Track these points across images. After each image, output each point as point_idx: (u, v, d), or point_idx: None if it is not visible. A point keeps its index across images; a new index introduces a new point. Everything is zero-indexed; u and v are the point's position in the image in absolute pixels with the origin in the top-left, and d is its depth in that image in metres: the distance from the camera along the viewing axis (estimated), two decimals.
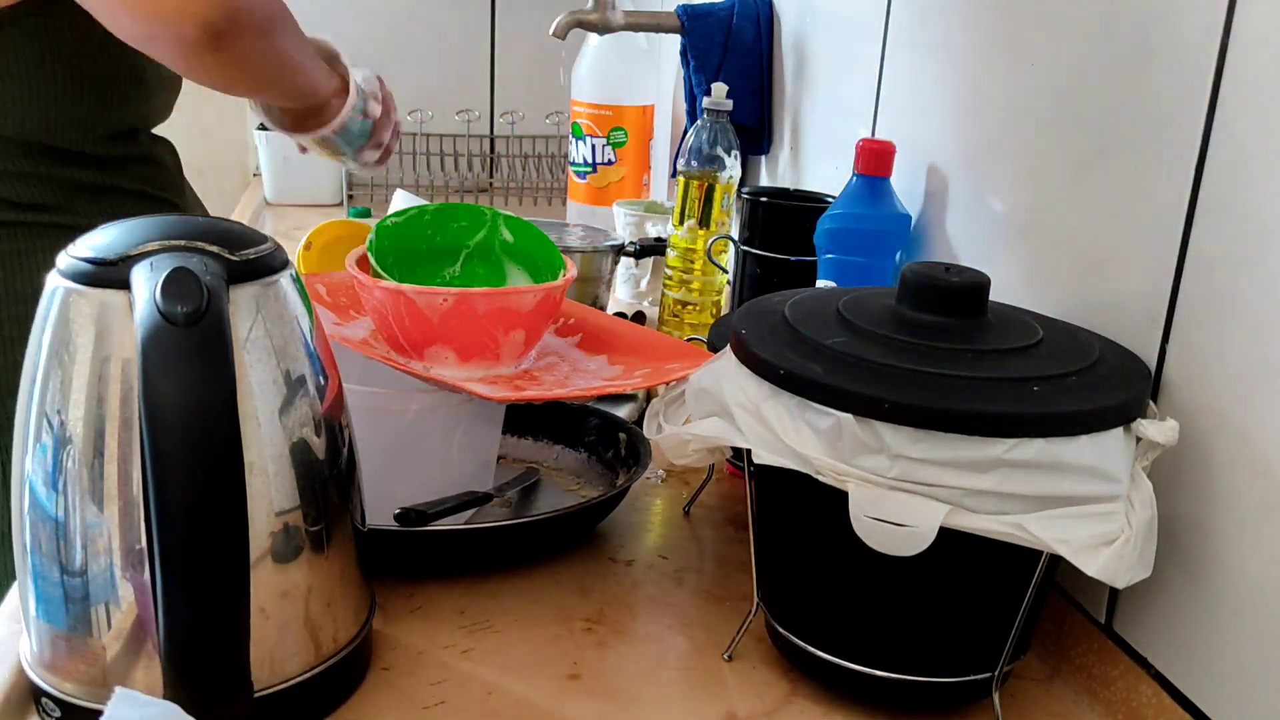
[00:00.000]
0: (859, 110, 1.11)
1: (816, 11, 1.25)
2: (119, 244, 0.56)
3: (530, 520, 0.84)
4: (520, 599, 0.77)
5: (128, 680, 0.57)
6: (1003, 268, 0.78)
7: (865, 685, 0.66)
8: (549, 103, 2.02)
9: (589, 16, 1.47)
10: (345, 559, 0.64)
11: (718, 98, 1.25)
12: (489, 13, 2.16)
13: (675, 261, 1.23)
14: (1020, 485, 0.58)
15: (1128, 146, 0.70)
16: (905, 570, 0.60)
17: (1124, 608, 0.69)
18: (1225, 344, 0.61)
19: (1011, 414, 0.58)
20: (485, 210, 0.95)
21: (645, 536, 0.88)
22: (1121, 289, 0.70)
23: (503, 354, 0.85)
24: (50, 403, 0.56)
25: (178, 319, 0.51)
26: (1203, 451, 0.63)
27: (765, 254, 1.02)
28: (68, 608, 0.57)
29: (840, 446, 0.60)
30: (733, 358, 0.67)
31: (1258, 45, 0.59)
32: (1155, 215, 0.67)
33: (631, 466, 0.90)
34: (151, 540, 0.52)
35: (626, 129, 1.67)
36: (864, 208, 0.94)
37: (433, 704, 0.66)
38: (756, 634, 0.73)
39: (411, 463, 0.83)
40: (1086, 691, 0.70)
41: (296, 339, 0.60)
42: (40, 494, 0.56)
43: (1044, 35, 0.79)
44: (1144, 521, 0.59)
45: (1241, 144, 0.60)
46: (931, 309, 0.66)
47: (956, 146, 0.92)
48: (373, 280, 0.83)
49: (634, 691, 0.68)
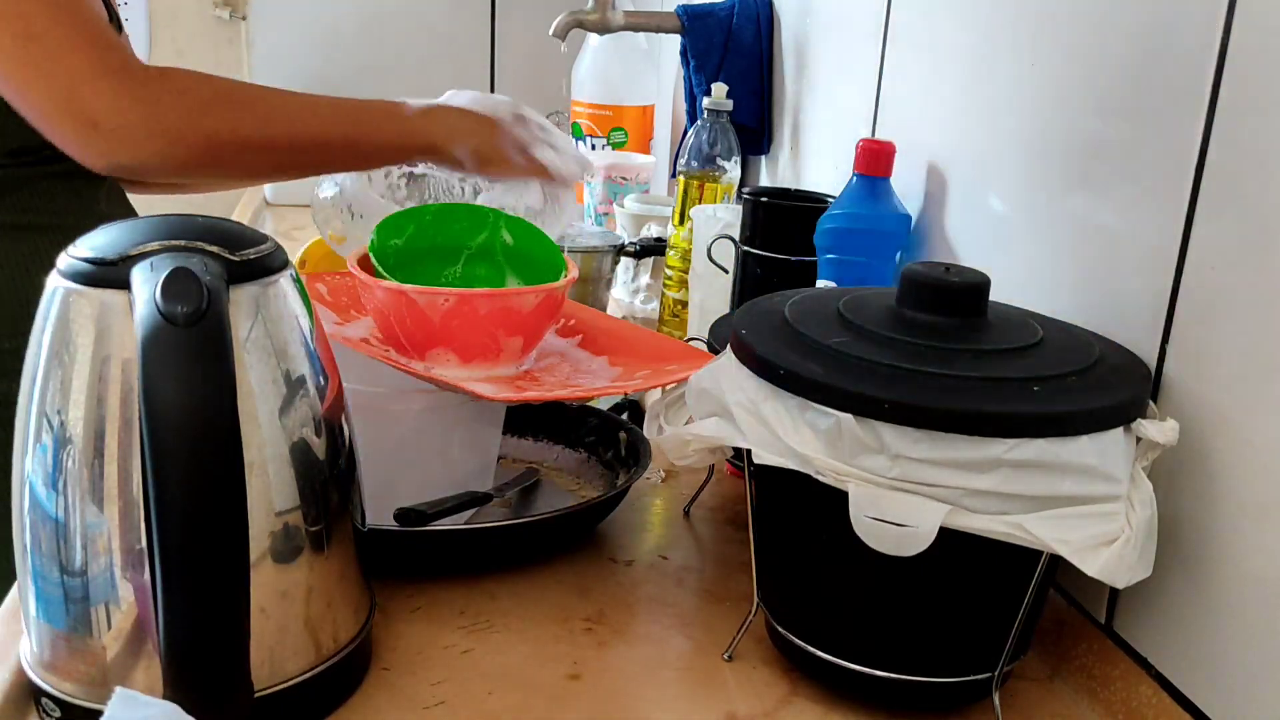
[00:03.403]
0: (859, 110, 1.11)
1: (816, 11, 1.25)
2: (119, 244, 0.56)
3: (530, 520, 0.84)
4: (520, 599, 0.77)
5: (128, 680, 0.57)
6: (1003, 268, 0.78)
7: (865, 685, 0.66)
8: (549, 103, 2.01)
9: (589, 17, 1.47)
10: (345, 559, 0.64)
11: (718, 98, 1.25)
12: (489, 13, 2.16)
13: (675, 261, 1.23)
14: (1020, 485, 0.58)
15: (1128, 146, 0.70)
16: (905, 570, 0.60)
17: (1124, 608, 0.69)
18: (1225, 344, 0.61)
19: (1011, 414, 0.58)
20: (487, 211, 0.95)
21: (645, 536, 0.88)
22: (1121, 289, 0.70)
23: (504, 355, 0.85)
24: (50, 403, 0.56)
25: (178, 319, 0.51)
26: (1203, 451, 0.63)
27: (765, 254, 1.02)
28: (68, 608, 0.57)
29: (840, 446, 0.60)
30: (733, 358, 0.67)
31: (1258, 45, 0.59)
32: (1155, 215, 0.67)
33: (631, 466, 0.90)
34: (151, 540, 0.52)
35: (626, 129, 1.67)
36: (864, 208, 0.94)
37: (433, 704, 0.66)
38: (756, 634, 0.73)
39: (411, 463, 0.83)
40: (1086, 691, 0.70)
41: (296, 339, 0.60)
42: (40, 494, 0.56)
43: (1044, 35, 0.79)
44: (1144, 521, 0.59)
45: (1241, 144, 0.60)
46: (931, 309, 0.66)
47: (956, 146, 0.92)
48: (374, 280, 0.83)
49: (634, 691, 0.68)
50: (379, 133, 0.95)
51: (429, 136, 0.96)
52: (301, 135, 0.92)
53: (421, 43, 2.12)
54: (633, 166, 1.55)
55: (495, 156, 0.98)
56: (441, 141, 0.96)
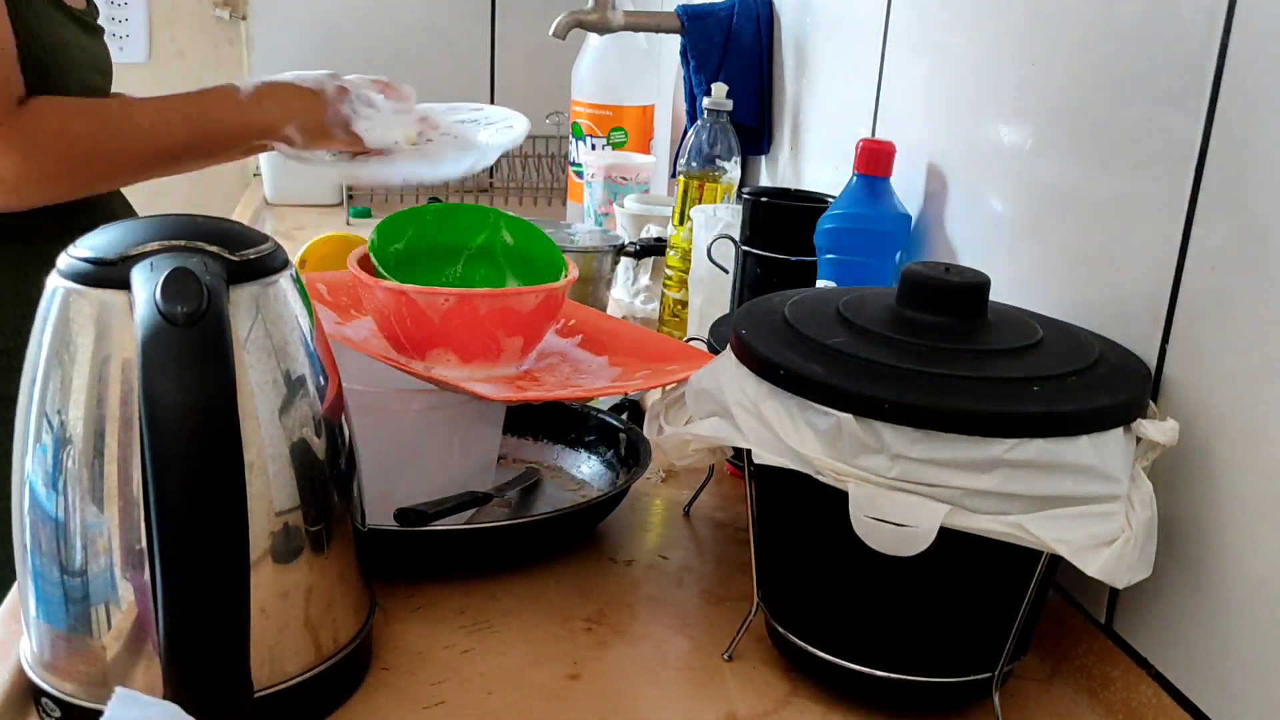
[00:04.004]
0: (859, 110, 1.11)
1: (816, 11, 1.25)
2: (119, 244, 0.56)
3: (530, 520, 0.84)
4: (520, 599, 0.77)
5: (128, 680, 0.57)
6: (1003, 268, 0.78)
7: (865, 685, 0.66)
8: (549, 103, 2.02)
9: (589, 16, 1.47)
10: (345, 559, 0.64)
11: (718, 98, 1.25)
12: (489, 13, 2.16)
13: (675, 261, 1.23)
14: (1020, 485, 0.58)
15: (1128, 146, 0.70)
16: (905, 570, 0.60)
17: (1124, 608, 0.69)
18: (1225, 344, 0.61)
19: (1011, 414, 0.58)
20: (488, 211, 0.95)
21: (645, 536, 0.88)
22: (1121, 289, 0.70)
23: (504, 355, 0.85)
24: (50, 403, 0.56)
25: (178, 319, 0.51)
26: (1203, 451, 0.63)
27: (765, 254, 1.02)
28: (68, 608, 0.57)
29: (840, 446, 0.60)
30: (733, 358, 0.67)
31: (1258, 45, 0.59)
32: (1155, 215, 0.67)
33: (631, 466, 0.90)
34: (151, 540, 0.52)
35: (626, 129, 1.67)
36: (864, 208, 0.94)
37: (433, 704, 0.66)
38: (756, 634, 0.73)
39: (411, 463, 0.83)
40: (1086, 691, 0.70)
41: (296, 339, 0.60)
42: (40, 494, 0.56)
43: (1044, 35, 0.79)
44: (1144, 521, 0.59)
45: (1241, 144, 0.60)
46: (931, 309, 0.66)
47: (956, 146, 0.92)
48: (374, 280, 0.83)
49: (634, 691, 0.68)
50: (222, 125, 1.02)
51: (266, 119, 1.02)
52: (161, 143, 0.97)
53: (422, 43, 2.13)
54: (633, 166, 1.56)
55: (320, 131, 1.04)
56: (277, 122, 1.02)
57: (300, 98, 1.04)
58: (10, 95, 0.88)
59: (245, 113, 1.01)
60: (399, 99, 1.12)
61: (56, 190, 0.91)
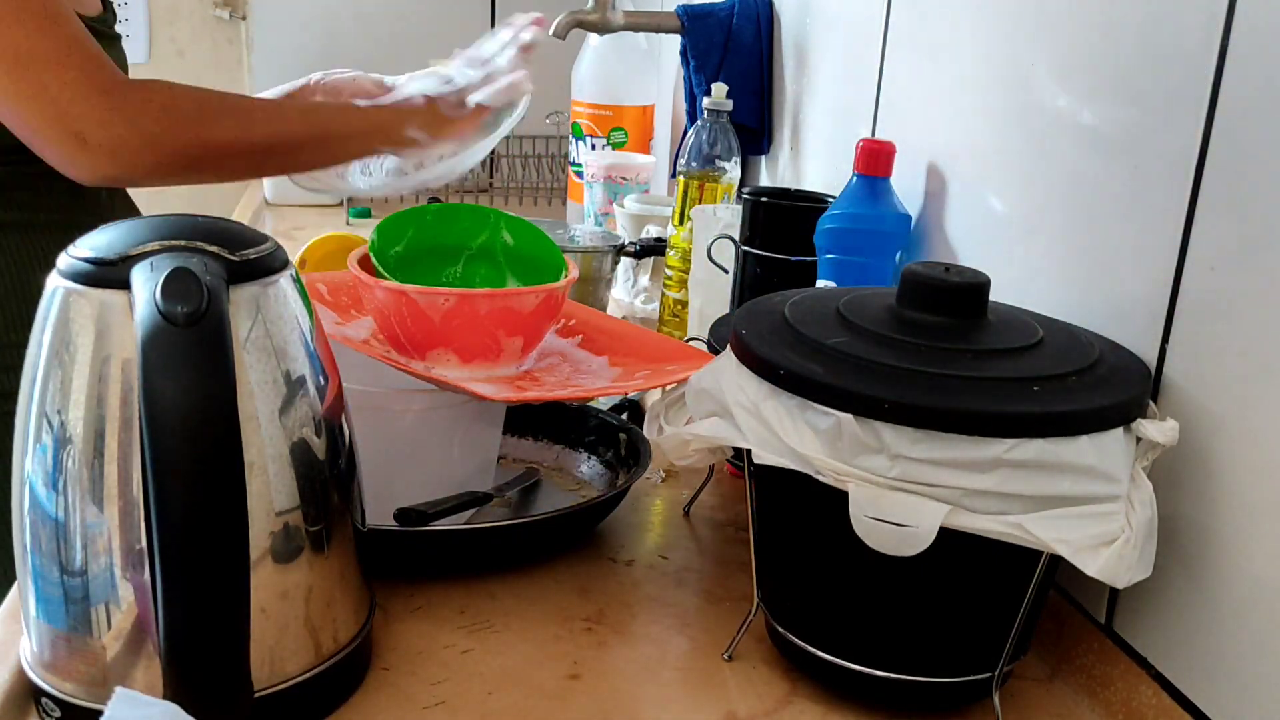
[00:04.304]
0: (859, 110, 1.11)
1: (816, 12, 1.25)
2: (119, 244, 0.56)
3: (530, 520, 0.84)
4: (520, 599, 0.77)
5: (128, 680, 0.57)
6: (1003, 268, 0.78)
7: (865, 685, 0.66)
8: (549, 103, 2.01)
9: (589, 16, 1.47)
10: (345, 559, 0.64)
11: (718, 98, 1.25)
12: (489, 13, 2.16)
13: (675, 261, 1.23)
14: (1020, 485, 0.58)
15: (1128, 146, 0.70)
16: (905, 570, 0.60)
17: (1124, 608, 0.69)
18: (1225, 344, 0.61)
19: (1011, 414, 0.58)
20: (488, 211, 0.95)
21: (645, 536, 0.88)
22: (1121, 289, 0.70)
23: (504, 355, 0.85)
24: (50, 403, 0.56)
25: (178, 319, 0.51)
26: (1203, 451, 0.63)
27: (765, 254, 1.02)
28: (68, 608, 0.57)
29: (840, 446, 0.60)
30: (733, 358, 0.67)
31: (1258, 45, 0.59)
32: (1155, 216, 0.67)
33: (631, 466, 0.90)
34: (151, 540, 0.52)
35: (626, 129, 1.67)
36: (864, 208, 0.94)
37: (433, 704, 0.66)
38: (756, 634, 0.73)
39: (411, 463, 0.83)
40: (1086, 691, 0.70)
41: (296, 339, 0.60)
42: (40, 494, 0.56)
43: (1044, 35, 0.79)
44: (1144, 521, 0.59)
45: (1241, 144, 0.60)
46: (931, 309, 0.66)
47: (956, 146, 0.92)
48: (375, 280, 0.83)
49: (634, 691, 0.68)
50: (343, 126, 1.01)
51: (387, 120, 1.02)
52: (275, 136, 0.97)
53: (421, 43, 2.12)
54: (633, 166, 1.56)
55: (441, 123, 1.04)
56: (397, 123, 1.02)
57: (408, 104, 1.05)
58: (113, 68, 0.88)
59: (364, 115, 1.02)
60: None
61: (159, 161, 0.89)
